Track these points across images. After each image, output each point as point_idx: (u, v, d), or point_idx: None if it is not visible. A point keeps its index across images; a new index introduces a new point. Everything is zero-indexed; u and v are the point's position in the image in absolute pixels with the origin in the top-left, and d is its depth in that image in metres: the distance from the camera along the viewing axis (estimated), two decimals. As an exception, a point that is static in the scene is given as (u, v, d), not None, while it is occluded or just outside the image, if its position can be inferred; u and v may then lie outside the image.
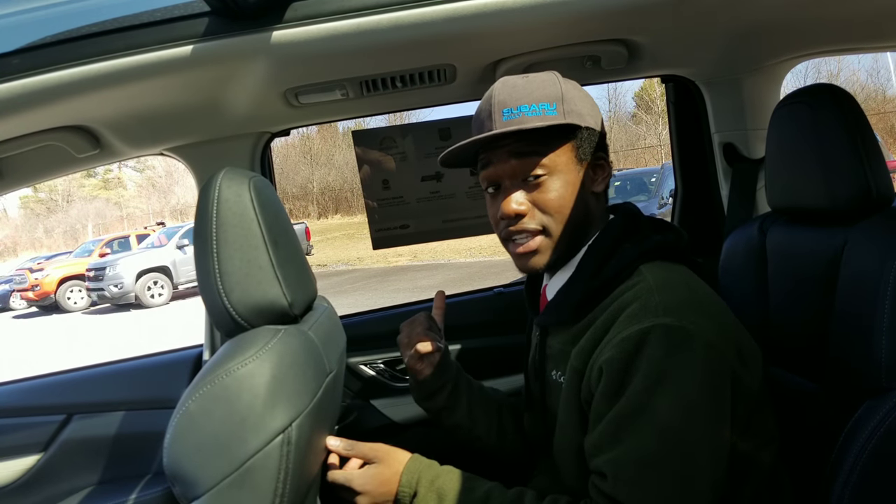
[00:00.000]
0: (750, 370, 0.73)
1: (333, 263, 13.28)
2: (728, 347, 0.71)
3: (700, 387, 0.67)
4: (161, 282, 10.54)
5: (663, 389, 0.67)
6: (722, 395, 0.69)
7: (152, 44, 0.83)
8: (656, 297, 0.72)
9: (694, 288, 0.75)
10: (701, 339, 0.68)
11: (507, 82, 0.82)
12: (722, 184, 1.42)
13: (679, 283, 0.74)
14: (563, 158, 0.81)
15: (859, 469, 0.67)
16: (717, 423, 0.69)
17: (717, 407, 0.69)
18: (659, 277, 0.75)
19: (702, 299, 0.74)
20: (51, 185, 29.97)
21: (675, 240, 0.82)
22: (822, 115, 0.87)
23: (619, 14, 0.93)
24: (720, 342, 0.70)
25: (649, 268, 0.77)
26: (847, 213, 0.85)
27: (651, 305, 0.71)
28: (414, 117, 20.10)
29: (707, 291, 0.77)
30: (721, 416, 0.69)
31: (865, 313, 0.73)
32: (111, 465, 1.34)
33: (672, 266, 0.78)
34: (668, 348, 0.68)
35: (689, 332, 0.68)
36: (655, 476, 0.67)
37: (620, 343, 0.70)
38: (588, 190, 0.83)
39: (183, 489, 0.66)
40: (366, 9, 0.84)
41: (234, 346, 0.72)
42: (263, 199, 0.78)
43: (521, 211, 0.81)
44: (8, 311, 13.01)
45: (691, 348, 0.68)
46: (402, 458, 0.86)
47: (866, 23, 1.13)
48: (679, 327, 0.68)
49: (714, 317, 0.72)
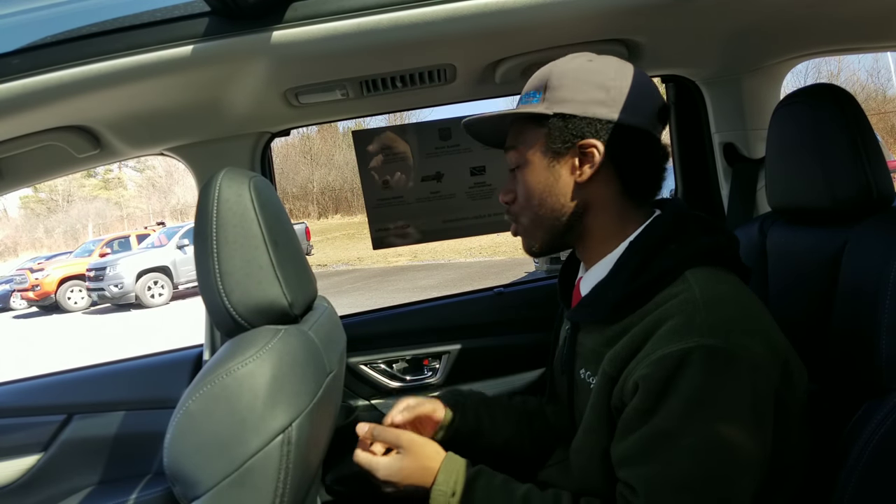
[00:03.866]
0: (794, 388, 0.69)
1: (333, 263, 13.28)
2: (773, 369, 0.66)
3: (742, 410, 0.64)
4: (161, 282, 10.54)
5: (703, 413, 0.64)
6: (764, 417, 0.65)
7: (153, 44, 0.83)
8: (703, 313, 0.66)
9: (743, 304, 0.69)
10: (746, 363, 0.64)
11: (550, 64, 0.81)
12: (722, 184, 1.42)
13: (728, 299, 0.68)
14: (534, 150, 0.79)
15: (860, 469, 0.67)
16: (757, 446, 0.65)
17: (758, 430, 0.65)
18: (706, 290, 0.69)
19: (750, 316, 0.68)
20: (51, 185, 29.97)
21: (727, 244, 0.76)
22: (822, 115, 0.87)
23: (619, 14, 0.93)
24: (766, 364, 0.65)
25: (695, 274, 0.71)
26: (847, 213, 0.85)
27: (696, 323, 0.65)
28: (414, 117, 20.11)
29: (757, 307, 0.71)
30: (761, 439, 0.65)
31: (866, 313, 0.73)
32: (111, 465, 1.34)
33: (720, 275, 0.72)
34: (711, 371, 0.64)
35: (734, 354, 0.64)
36: (693, 499, 0.64)
37: (660, 360, 0.65)
38: (567, 183, 0.78)
39: (183, 489, 0.66)
40: (366, 9, 0.84)
41: (235, 345, 0.72)
42: (263, 199, 0.78)
43: (506, 200, 0.84)
44: (8, 311, 13.00)
45: (736, 373, 0.64)
46: (433, 453, 0.82)
47: (866, 23, 1.13)
48: (724, 349, 0.64)
49: (762, 336, 0.67)
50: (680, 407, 0.64)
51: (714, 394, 0.64)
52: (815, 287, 0.87)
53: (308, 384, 0.76)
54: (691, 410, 0.64)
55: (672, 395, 0.64)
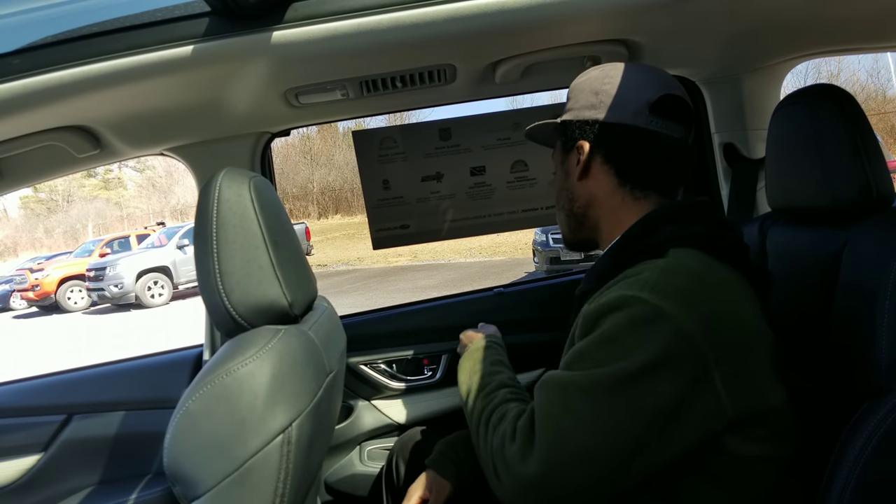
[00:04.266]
0: (741, 380, 0.68)
1: (333, 263, 13.28)
2: (708, 345, 0.66)
3: (641, 367, 0.65)
4: (161, 282, 10.54)
5: (610, 347, 0.68)
6: (666, 383, 0.65)
7: (153, 44, 0.83)
8: (655, 275, 0.70)
9: (703, 283, 0.70)
10: (671, 327, 0.66)
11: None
12: (722, 184, 1.42)
13: (687, 271, 0.71)
14: (557, 153, 0.92)
15: (859, 469, 0.67)
16: (640, 407, 0.66)
17: (650, 393, 0.65)
18: (675, 261, 0.72)
19: (701, 294, 0.69)
20: (51, 185, 29.97)
21: (721, 233, 0.78)
22: (822, 115, 0.87)
23: (619, 14, 0.93)
24: (698, 336, 0.66)
25: (678, 252, 0.73)
26: (847, 214, 0.85)
27: (644, 280, 0.70)
28: (414, 117, 20.11)
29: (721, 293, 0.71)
30: (648, 403, 0.66)
31: (865, 313, 0.73)
32: (111, 465, 1.34)
33: (704, 258, 0.73)
34: (634, 319, 0.68)
35: (662, 315, 0.66)
36: (557, 397, 0.69)
37: (603, 302, 0.72)
38: (573, 179, 0.88)
39: (183, 489, 0.66)
40: (366, 9, 0.84)
41: (235, 346, 0.72)
42: (263, 199, 0.78)
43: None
44: (8, 311, 13.00)
45: (657, 330, 0.66)
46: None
47: (866, 23, 1.13)
48: (656, 307, 0.67)
49: (703, 316, 0.67)
50: (596, 337, 0.70)
51: (627, 337, 0.67)
52: (814, 287, 0.87)
53: (308, 384, 0.76)
54: (601, 342, 0.69)
55: (597, 329, 0.71)
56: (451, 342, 1.41)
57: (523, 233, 9.85)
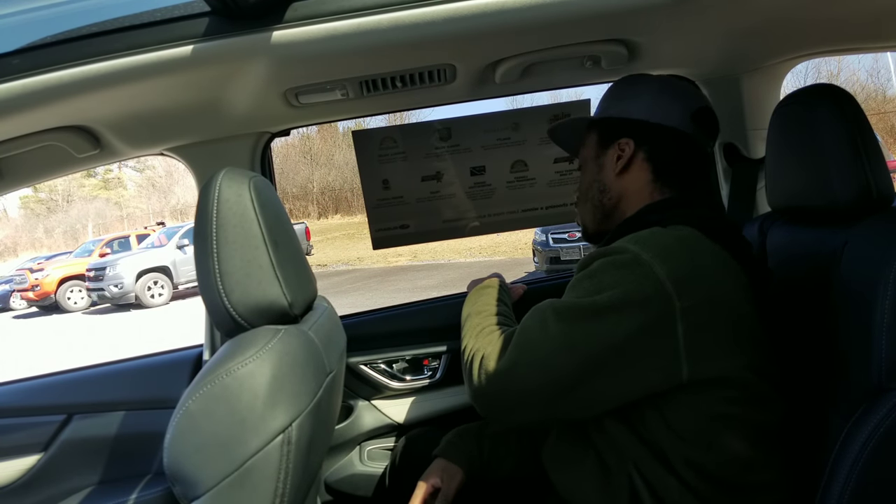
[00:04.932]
0: (704, 335, 0.73)
1: (333, 263, 13.28)
2: (677, 295, 0.72)
3: (610, 302, 0.73)
4: (161, 282, 10.54)
5: (588, 284, 0.77)
6: (629, 320, 0.72)
7: (153, 44, 0.83)
8: (647, 234, 0.78)
9: (687, 244, 0.77)
10: (647, 271, 0.73)
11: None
12: (722, 184, 1.42)
13: (676, 236, 0.78)
14: (590, 150, 0.98)
15: (859, 469, 0.67)
16: (601, 336, 0.73)
17: (613, 326, 0.73)
18: (672, 229, 0.79)
19: (683, 252, 0.75)
20: (51, 185, 29.97)
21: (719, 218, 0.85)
22: (822, 115, 0.87)
23: (619, 14, 0.93)
24: (668, 284, 0.72)
25: (679, 227, 0.80)
26: (847, 213, 0.85)
27: (636, 236, 0.78)
28: (414, 117, 20.10)
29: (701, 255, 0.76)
30: (608, 335, 0.73)
31: (865, 313, 0.73)
32: (111, 465, 1.34)
33: (700, 235, 0.79)
34: (614, 262, 0.76)
35: (640, 261, 0.74)
36: (539, 317, 0.78)
37: (597, 249, 0.81)
38: (609, 172, 0.93)
39: (183, 489, 0.66)
40: (366, 9, 0.84)
41: (235, 346, 0.72)
42: (263, 199, 0.79)
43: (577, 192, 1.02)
44: (8, 311, 13.00)
45: (631, 271, 0.74)
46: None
47: (866, 23, 1.13)
48: (635, 253, 0.75)
49: (681, 265, 0.74)
50: (582, 274, 0.80)
51: (605, 276, 0.76)
52: (814, 286, 0.87)
53: (308, 384, 0.76)
54: (584, 277, 0.79)
55: (584, 268, 0.81)
56: (452, 342, 1.41)
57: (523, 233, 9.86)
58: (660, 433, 0.76)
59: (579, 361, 0.74)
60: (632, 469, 0.78)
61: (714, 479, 0.75)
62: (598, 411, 0.78)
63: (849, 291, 0.78)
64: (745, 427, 0.76)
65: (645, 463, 0.77)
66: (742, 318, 0.77)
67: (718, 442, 0.75)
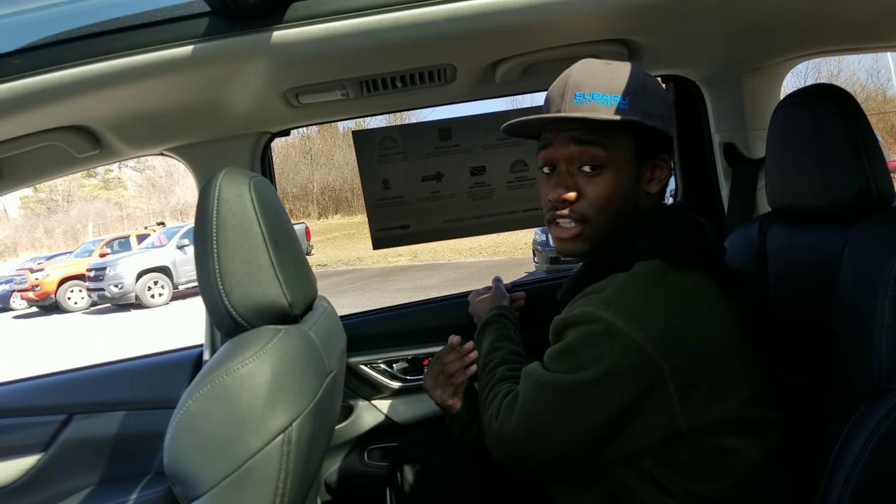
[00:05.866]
0: (698, 389, 0.73)
1: (333, 263, 13.28)
2: (661, 356, 0.71)
3: (595, 378, 0.73)
4: (161, 282, 10.54)
5: (570, 359, 0.76)
6: (618, 391, 0.73)
7: (153, 44, 0.83)
8: (613, 291, 0.76)
9: (657, 295, 0.74)
10: (626, 341, 0.72)
11: (588, 65, 0.83)
12: (722, 184, 1.42)
13: (644, 286, 0.75)
14: (621, 154, 0.81)
15: (859, 469, 0.67)
16: (594, 409, 0.75)
17: (604, 399, 0.74)
18: (635, 278, 0.77)
19: (656, 306, 0.73)
20: (51, 185, 29.94)
21: (689, 241, 0.80)
22: (822, 115, 0.87)
23: (619, 14, 0.93)
24: (649, 348, 0.71)
25: (641, 266, 0.78)
26: (847, 213, 0.85)
27: (603, 296, 0.76)
28: (414, 117, 20.09)
29: (675, 305, 0.74)
30: (601, 407, 0.74)
31: (865, 313, 0.73)
32: (111, 465, 1.34)
33: (667, 268, 0.77)
34: (589, 335, 0.74)
35: (614, 331, 0.72)
36: (533, 390, 0.79)
37: (566, 316, 0.79)
38: (642, 189, 0.84)
39: (183, 489, 0.66)
40: (366, 9, 0.84)
41: (235, 346, 0.72)
42: (263, 199, 0.79)
43: (570, 198, 0.82)
44: (8, 311, 12.99)
45: (608, 344, 0.72)
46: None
47: (866, 23, 1.13)
48: (609, 323, 0.73)
49: (658, 324, 0.72)
50: (560, 347, 0.78)
51: (585, 350, 0.74)
52: (814, 287, 0.87)
53: (308, 384, 0.76)
54: (564, 351, 0.77)
55: (562, 340, 0.78)
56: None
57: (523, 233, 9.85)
58: (657, 469, 0.77)
59: (580, 433, 0.76)
60: (637, 500, 0.79)
61: (715, 502, 0.76)
62: (608, 462, 0.80)
63: (849, 291, 0.78)
64: (747, 454, 0.76)
65: (648, 494, 0.78)
66: (732, 352, 0.76)
67: (719, 473, 0.76)
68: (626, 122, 0.79)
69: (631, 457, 0.77)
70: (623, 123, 0.79)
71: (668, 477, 0.77)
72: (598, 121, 0.78)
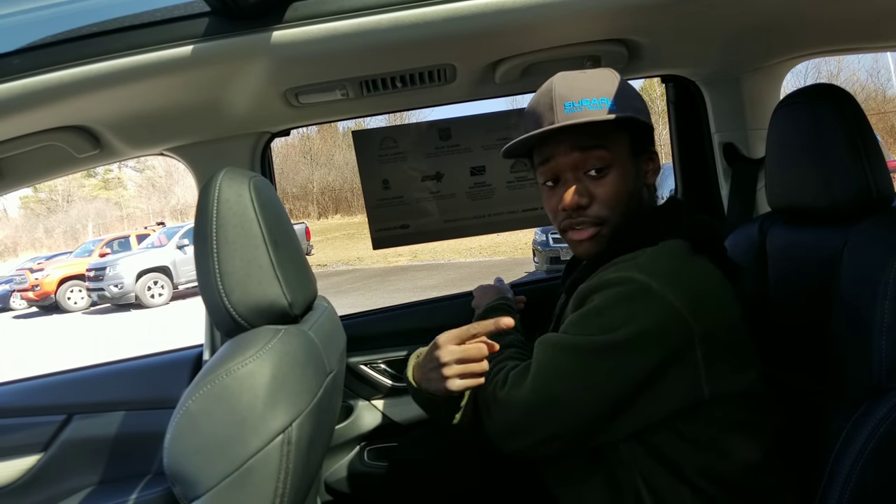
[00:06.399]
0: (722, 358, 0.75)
1: (333, 263, 13.28)
2: (694, 320, 0.72)
3: (626, 338, 0.72)
4: (161, 282, 10.53)
5: (599, 321, 0.74)
6: (647, 353, 0.72)
7: (153, 44, 0.83)
8: (645, 258, 0.77)
9: (687, 269, 0.77)
10: (661, 302, 0.72)
11: (567, 76, 0.86)
12: (722, 184, 1.42)
13: (674, 257, 0.77)
14: (622, 151, 0.85)
15: (859, 469, 0.67)
16: (619, 373, 0.73)
17: (631, 362, 0.72)
18: (664, 248, 0.78)
19: (687, 275, 0.75)
20: (51, 185, 29.95)
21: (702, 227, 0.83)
22: (822, 115, 0.87)
23: (619, 14, 0.93)
24: (684, 311, 0.72)
25: (668, 242, 0.80)
26: (847, 213, 0.85)
27: (637, 262, 0.77)
28: (414, 117, 20.10)
29: (704, 281, 0.77)
30: (627, 371, 0.73)
31: (865, 313, 0.73)
32: (111, 465, 1.34)
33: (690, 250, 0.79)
34: (623, 294, 0.74)
35: (651, 291, 0.72)
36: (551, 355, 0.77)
37: (596, 281, 0.78)
38: (642, 181, 0.88)
39: (183, 489, 0.66)
40: (366, 9, 0.84)
41: (235, 346, 0.72)
42: (263, 199, 0.79)
43: (583, 203, 0.84)
44: (8, 311, 12.99)
45: (644, 304, 0.72)
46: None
47: (866, 23, 1.13)
48: (644, 283, 0.73)
49: (692, 290, 0.74)
50: (586, 310, 0.77)
51: (615, 311, 0.73)
52: (814, 287, 0.87)
53: (308, 384, 0.76)
54: (590, 313, 0.76)
55: (587, 304, 0.77)
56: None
57: (523, 233, 9.85)
58: (672, 445, 0.77)
59: (600, 400, 0.74)
60: (640, 482, 0.79)
61: (728, 485, 0.76)
62: (619, 436, 0.78)
63: (849, 291, 0.78)
64: (757, 432, 0.78)
65: (655, 475, 0.78)
66: (746, 330, 0.79)
67: (733, 448, 0.76)
68: (621, 121, 0.82)
69: (642, 431, 0.77)
70: (618, 122, 0.82)
71: (682, 452, 0.76)
72: (600, 124, 0.81)
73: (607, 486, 0.81)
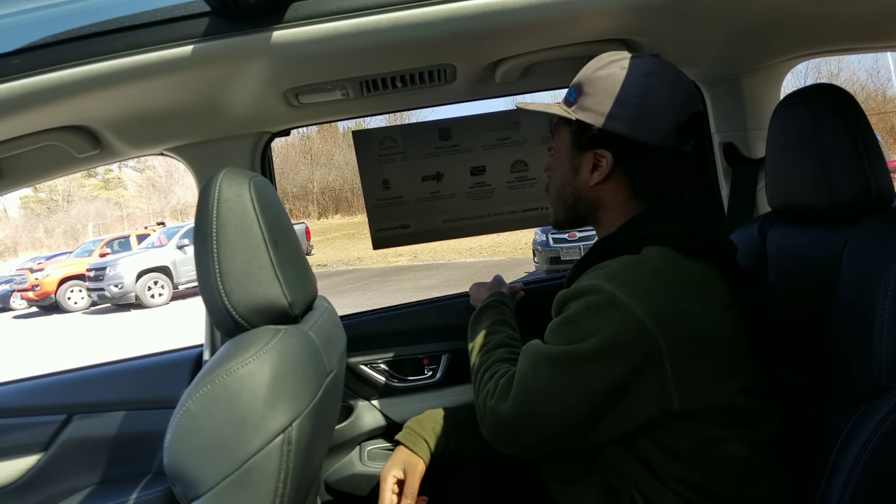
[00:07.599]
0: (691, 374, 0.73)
1: (333, 263, 13.28)
2: (659, 332, 0.71)
3: (593, 349, 0.73)
4: (161, 282, 10.54)
5: (570, 330, 0.76)
6: (615, 364, 0.73)
7: (153, 44, 0.83)
8: (618, 266, 0.77)
9: (661, 275, 0.74)
10: (625, 314, 0.72)
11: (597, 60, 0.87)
12: (722, 184, 1.42)
13: (649, 266, 0.76)
14: (562, 146, 0.90)
15: (859, 469, 0.67)
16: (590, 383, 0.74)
17: (601, 372, 0.74)
18: (641, 257, 0.78)
19: (658, 285, 0.73)
20: (51, 185, 29.96)
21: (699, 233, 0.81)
22: (822, 115, 0.87)
23: (619, 14, 0.93)
24: (648, 323, 0.71)
25: (650, 249, 0.78)
26: (847, 213, 0.85)
27: (608, 270, 0.77)
28: (414, 117, 20.10)
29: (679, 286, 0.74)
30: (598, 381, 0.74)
31: (865, 313, 0.73)
32: (111, 465, 1.34)
33: (674, 255, 0.77)
34: (589, 306, 0.75)
35: (615, 302, 0.73)
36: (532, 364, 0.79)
37: (571, 289, 0.79)
38: (585, 180, 0.87)
39: (183, 489, 0.66)
40: (366, 9, 0.84)
41: (235, 345, 0.72)
42: (263, 199, 0.79)
43: (546, 174, 0.95)
44: (8, 311, 13.00)
45: (609, 316, 0.73)
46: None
47: (866, 23, 1.13)
48: (610, 294, 0.73)
49: (658, 302, 0.72)
50: (562, 318, 0.78)
51: (584, 321, 0.75)
52: (814, 287, 0.87)
53: (308, 384, 0.76)
54: (564, 323, 0.78)
55: (563, 312, 0.79)
56: (452, 342, 1.41)
57: (523, 233, 9.85)
58: (653, 453, 0.77)
59: (578, 409, 0.76)
60: (632, 487, 0.79)
61: (709, 493, 0.76)
62: (605, 440, 0.80)
63: (849, 292, 0.78)
64: (740, 444, 0.77)
65: (643, 480, 0.78)
66: (729, 342, 0.76)
67: (712, 461, 0.76)
68: (561, 115, 0.87)
69: (626, 437, 0.78)
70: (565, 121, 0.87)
71: (662, 461, 0.77)
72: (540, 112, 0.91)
73: (603, 487, 0.82)
